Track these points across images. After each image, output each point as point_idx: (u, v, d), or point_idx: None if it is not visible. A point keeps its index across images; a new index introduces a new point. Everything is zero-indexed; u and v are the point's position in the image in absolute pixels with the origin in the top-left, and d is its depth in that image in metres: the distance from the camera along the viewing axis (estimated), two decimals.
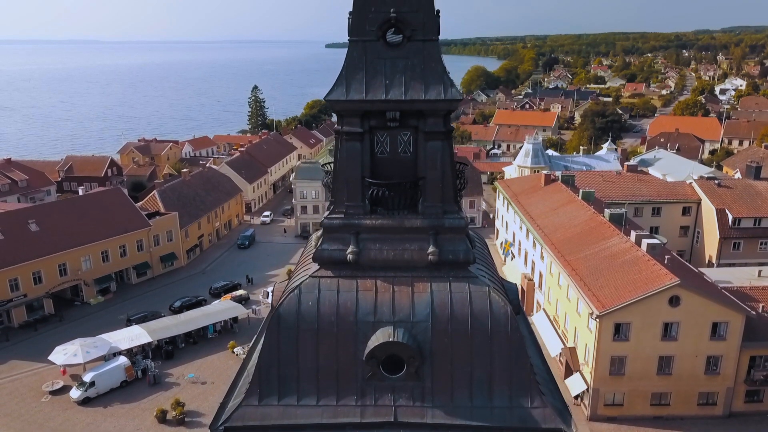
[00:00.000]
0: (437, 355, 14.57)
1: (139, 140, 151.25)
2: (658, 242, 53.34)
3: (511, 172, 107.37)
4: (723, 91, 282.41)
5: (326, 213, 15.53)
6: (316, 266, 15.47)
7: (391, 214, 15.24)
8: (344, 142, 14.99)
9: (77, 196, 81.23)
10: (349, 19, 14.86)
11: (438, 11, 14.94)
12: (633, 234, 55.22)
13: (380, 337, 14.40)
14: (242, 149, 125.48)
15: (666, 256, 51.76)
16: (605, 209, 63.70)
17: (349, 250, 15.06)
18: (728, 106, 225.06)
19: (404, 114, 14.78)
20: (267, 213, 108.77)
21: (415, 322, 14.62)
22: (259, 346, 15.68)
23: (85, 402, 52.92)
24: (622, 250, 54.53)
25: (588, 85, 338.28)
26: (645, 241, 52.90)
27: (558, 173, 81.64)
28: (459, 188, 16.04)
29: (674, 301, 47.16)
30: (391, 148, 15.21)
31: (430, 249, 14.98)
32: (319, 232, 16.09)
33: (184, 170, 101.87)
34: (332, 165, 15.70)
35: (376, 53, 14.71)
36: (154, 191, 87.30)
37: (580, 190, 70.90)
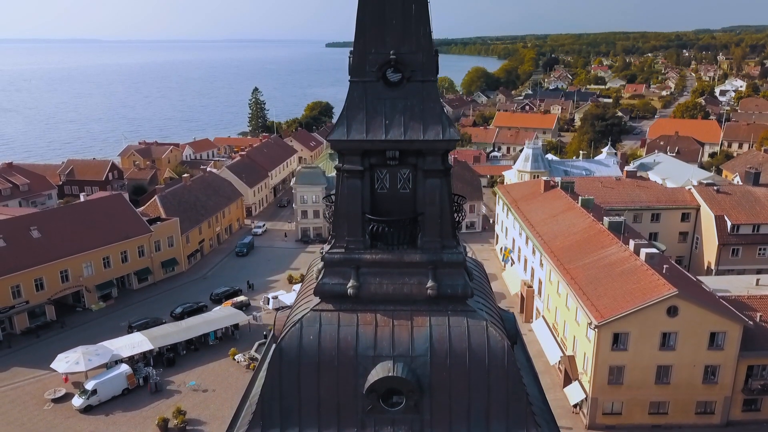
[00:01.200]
0: (436, 388, 14.92)
1: (140, 143, 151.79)
2: (657, 252, 53.61)
3: (511, 176, 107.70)
4: (723, 93, 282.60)
5: (327, 247, 15.88)
6: (317, 299, 15.81)
7: (390, 248, 15.59)
8: (345, 179, 15.34)
9: (79, 202, 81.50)
10: (349, 58, 15.20)
11: (437, 50, 15.28)
12: (632, 243, 55.54)
13: (380, 371, 14.74)
14: (243, 153, 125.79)
15: (664, 266, 52.08)
16: (604, 217, 64.00)
17: (350, 284, 15.40)
18: (728, 108, 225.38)
19: (404, 153, 15.14)
20: (260, 224, 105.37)
21: (414, 356, 14.97)
22: (262, 376, 16.05)
23: (87, 410, 53.29)
24: (620, 259, 54.87)
25: (588, 86, 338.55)
26: (643, 251, 53.23)
27: (557, 179, 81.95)
28: (457, 222, 16.38)
29: (672, 311, 47.50)
30: (391, 184, 15.56)
31: (429, 283, 15.33)
32: (320, 264, 16.43)
33: (185, 175, 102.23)
34: (333, 199, 16.03)
35: (376, 93, 15.06)
36: (155, 197, 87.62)
37: (580, 197, 71.24)
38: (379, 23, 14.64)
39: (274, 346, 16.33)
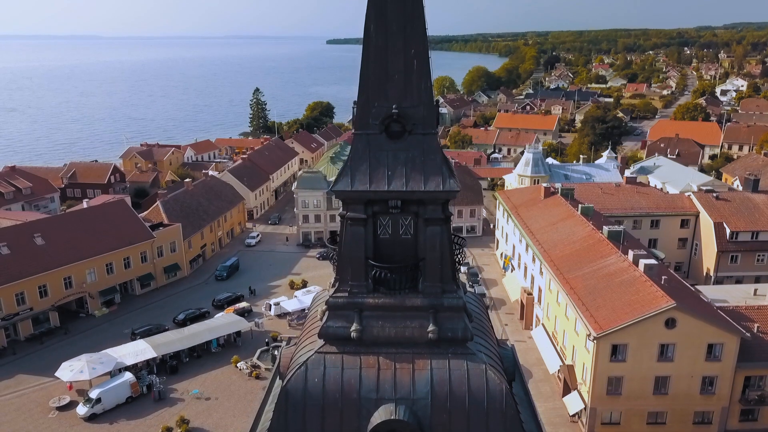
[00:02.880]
0: (436, 430, 15.43)
1: (141, 144, 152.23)
2: (655, 263, 54.04)
3: (511, 180, 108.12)
4: (724, 92, 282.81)
5: (331, 290, 16.39)
6: (321, 341, 16.33)
7: (392, 293, 16.09)
8: (349, 226, 15.84)
9: (82, 208, 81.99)
10: (353, 110, 15.68)
11: (438, 101, 15.76)
12: (631, 253, 55.97)
13: (382, 414, 15.27)
14: (244, 155, 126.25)
15: (663, 276, 52.55)
16: (604, 226, 64.42)
17: (353, 327, 15.92)
18: (729, 109, 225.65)
19: (405, 201, 15.64)
20: (254, 234, 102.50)
21: (415, 399, 15.49)
22: (268, 410, 16.56)
23: (91, 418, 53.88)
24: (619, 270, 55.35)
25: (589, 85, 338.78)
26: (642, 261, 53.67)
27: (558, 185, 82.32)
28: (458, 263, 16.88)
29: (670, 323, 48.02)
30: (393, 230, 16.07)
31: (430, 327, 15.85)
32: (324, 301, 16.92)
33: (187, 180, 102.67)
34: (337, 243, 16.53)
35: (378, 145, 15.56)
36: (158, 202, 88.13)
37: (580, 205, 71.61)
38: (381, 78, 15.13)
39: (279, 384, 16.83)
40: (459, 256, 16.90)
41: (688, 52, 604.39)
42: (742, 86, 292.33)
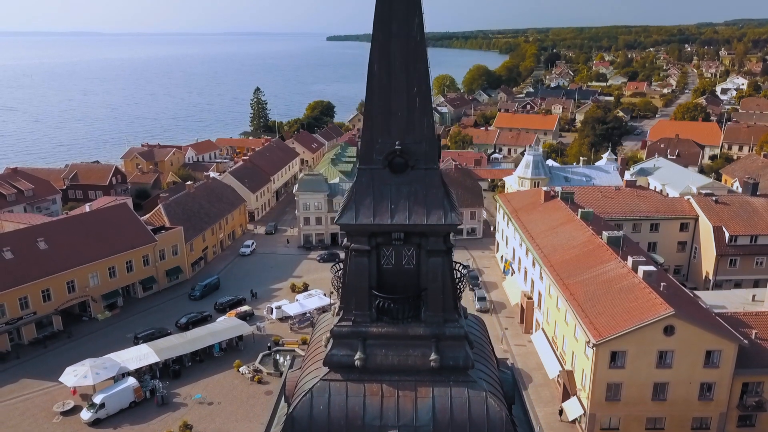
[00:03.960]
0: None
1: (142, 145, 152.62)
2: (654, 269, 54.41)
3: (511, 182, 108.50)
4: (724, 91, 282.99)
5: (335, 319, 16.83)
6: (326, 369, 16.77)
7: (395, 322, 16.52)
8: (353, 257, 16.28)
9: (84, 212, 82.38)
10: (357, 145, 16.09)
11: (439, 136, 16.18)
12: (630, 260, 56.36)
13: None
14: (245, 157, 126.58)
15: (662, 283, 52.94)
16: (603, 231, 64.77)
17: (357, 356, 16.37)
18: (729, 108, 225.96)
19: (408, 233, 16.05)
20: (248, 242, 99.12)
21: (417, 426, 15.95)
22: None
23: (95, 423, 54.39)
24: (619, 276, 55.78)
25: (590, 83, 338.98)
26: (641, 268, 54.07)
27: (558, 189, 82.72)
28: (459, 292, 17.31)
29: (669, 330, 48.47)
30: (396, 261, 16.51)
31: (432, 356, 16.29)
32: (329, 330, 17.35)
33: (189, 182, 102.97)
34: (341, 272, 16.96)
35: (382, 180, 15.99)
36: (160, 205, 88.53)
37: (579, 210, 71.99)
38: (385, 115, 15.56)
39: (284, 406, 17.25)
40: (460, 285, 17.31)
41: (689, 49, 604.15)
42: (743, 85, 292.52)
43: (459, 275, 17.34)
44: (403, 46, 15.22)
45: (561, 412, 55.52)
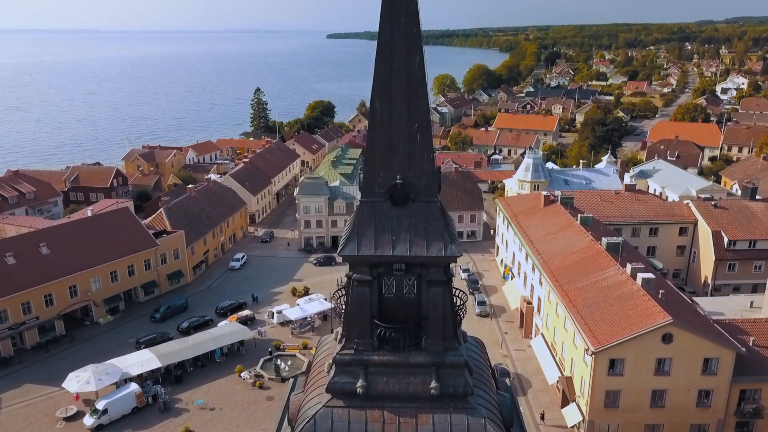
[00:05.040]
0: None
1: (143, 146, 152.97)
2: (653, 277, 54.74)
3: (511, 185, 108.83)
4: (724, 90, 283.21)
5: (338, 347, 17.20)
6: (328, 395, 17.15)
7: (396, 350, 16.89)
8: (355, 287, 16.65)
9: (86, 217, 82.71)
10: (359, 177, 16.45)
11: (439, 168, 16.54)
12: (629, 267, 56.69)
13: None
14: (246, 159, 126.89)
15: (660, 290, 53.28)
16: (603, 237, 65.11)
17: (359, 383, 16.75)
18: (729, 108, 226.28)
19: (409, 264, 16.42)
20: (238, 255, 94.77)
21: None
22: None
23: (98, 429, 54.83)
24: (617, 283, 56.15)
25: (590, 83, 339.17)
26: (640, 275, 54.41)
27: (558, 193, 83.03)
28: (459, 319, 17.69)
29: (667, 338, 48.84)
30: (397, 290, 16.89)
31: (433, 384, 16.67)
32: (332, 357, 17.71)
33: (190, 186, 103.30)
34: (343, 298, 17.33)
35: (383, 212, 16.36)
36: (161, 209, 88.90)
37: (579, 215, 72.30)
38: (386, 150, 15.92)
39: (287, 428, 17.62)
40: (460, 312, 17.68)
41: (689, 47, 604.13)
42: (743, 84, 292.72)
43: (459, 303, 17.71)
44: (404, 83, 15.58)
45: (543, 416, 56.20)
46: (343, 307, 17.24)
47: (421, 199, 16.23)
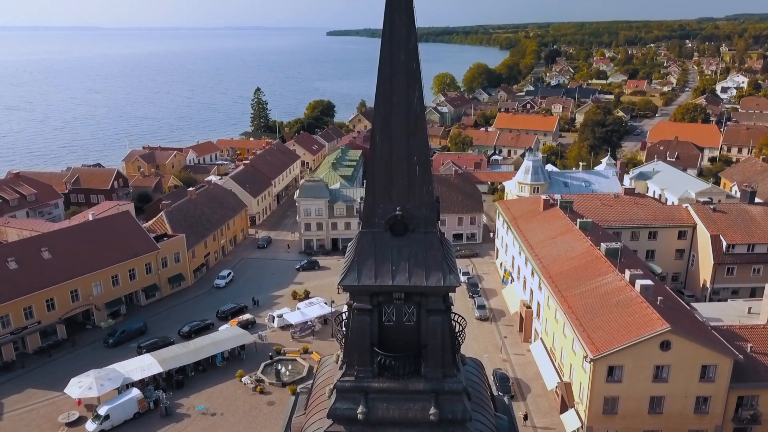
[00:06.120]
0: None
1: (144, 147, 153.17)
2: (651, 284, 55.01)
3: (511, 187, 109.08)
4: (724, 89, 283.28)
5: (339, 373, 17.51)
6: (330, 421, 17.47)
7: (396, 377, 17.20)
8: (356, 315, 16.96)
9: (87, 221, 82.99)
10: (360, 208, 16.75)
11: (437, 198, 16.84)
12: (627, 273, 56.97)
13: None
14: (246, 161, 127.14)
15: (659, 297, 53.61)
16: (602, 243, 65.32)
17: (359, 410, 17.06)
18: (729, 107, 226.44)
19: (409, 293, 16.72)
20: (224, 273, 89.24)
21: None
22: None
23: None
24: (616, 289, 56.44)
25: (590, 81, 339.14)
26: (639, 282, 54.69)
27: (557, 196, 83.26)
28: (458, 344, 17.99)
29: (665, 345, 49.15)
30: (397, 318, 17.21)
31: (432, 410, 16.99)
32: (331, 371, 18.05)
33: (191, 189, 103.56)
34: (344, 323, 17.64)
35: (383, 242, 16.67)
36: (162, 213, 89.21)
37: (578, 220, 72.53)
38: (386, 182, 16.22)
39: None
40: (460, 337, 17.98)
41: (690, 45, 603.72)
42: (743, 83, 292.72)
43: (459, 329, 18.01)
44: (404, 118, 15.87)
45: (526, 417, 56.65)
46: (344, 333, 17.53)
47: (420, 229, 16.54)
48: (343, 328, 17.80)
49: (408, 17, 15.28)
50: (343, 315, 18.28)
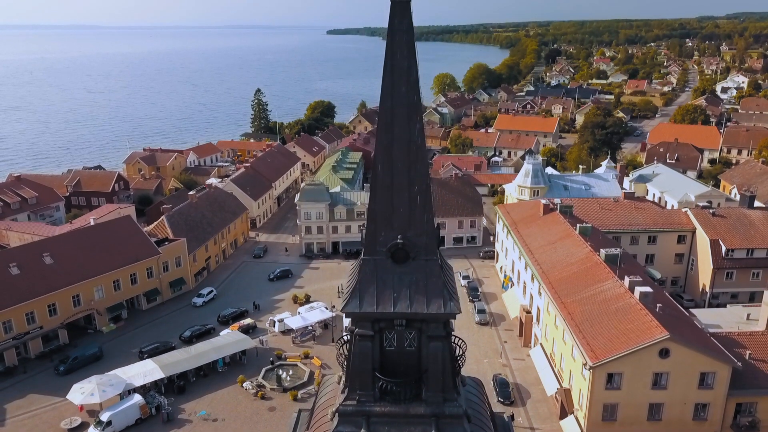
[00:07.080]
0: None
1: (144, 149, 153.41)
2: (651, 290, 55.28)
3: (511, 190, 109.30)
4: (725, 90, 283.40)
5: (341, 398, 17.79)
6: None
7: (397, 402, 17.48)
8: (357, 341, 17.24)
9: (89, 226, 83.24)
10: (361, 235, 17.01)
11: (439, 225, 17.11)
12: (627, 280, 57.22)
13: None
14: (247, 164, 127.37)
15: (658, 304, 53.85)
16: (601, 249, 65.57)
17: None
18: (729, 107, 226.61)
19: (410, 319, 16.99)
20: (204, 291, 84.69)
21: None
22: None
23: None
24: (616, 296, 56.72)
25: (590, 81, 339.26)
26: (638, 289, 54.96)
27: (557, 201, 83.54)
28: (458, 368, 18.27)
29: (664, 353, 49.46)
30: (398, 343, 17.49)
31: None
32: (334, 392, 18.32)
33: (191, 192, 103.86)
34: (345, 347, 17.91)
35: (385, 269, 16.94)
36: (163, 217, 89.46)
37: (578, 225, 72.78)
38: (388, 210, 16.49)
39: None
40: (460, 360, 18.25)
41: (690, 44, 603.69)
42: (743, 83, 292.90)
43: (459, 352, 18.28)
44: (405, 149, 16.14)
45: (512, 417, 56.74)
46: (346, 357, 17.80)
47: (421, 257, 16.81)
48: (345, 352, 18.05)
49: (409, 51, 15.56)
50: (345, 337, 18.52)
